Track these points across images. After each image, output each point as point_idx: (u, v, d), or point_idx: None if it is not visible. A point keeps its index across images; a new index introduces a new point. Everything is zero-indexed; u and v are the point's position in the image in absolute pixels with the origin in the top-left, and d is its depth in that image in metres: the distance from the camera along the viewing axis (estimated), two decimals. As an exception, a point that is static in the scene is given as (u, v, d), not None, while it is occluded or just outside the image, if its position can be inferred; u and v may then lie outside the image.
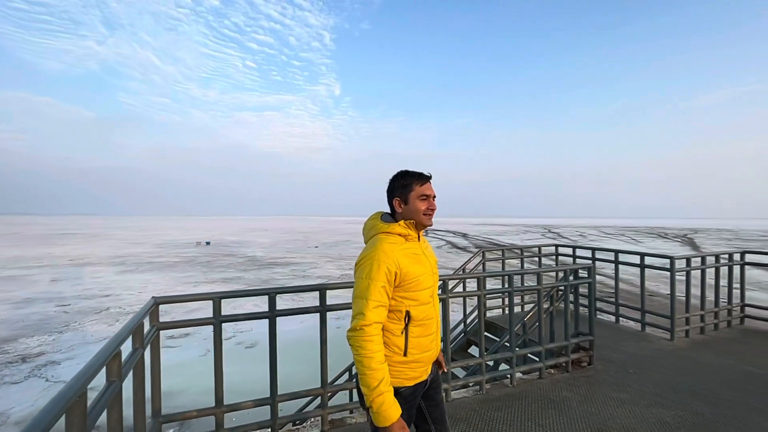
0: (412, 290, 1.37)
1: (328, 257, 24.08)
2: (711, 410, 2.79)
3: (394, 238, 1.40)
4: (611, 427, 2.57)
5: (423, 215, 1.42)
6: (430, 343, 1.43)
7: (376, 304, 1.29)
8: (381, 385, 1.23)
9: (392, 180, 1.47)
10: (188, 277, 16.24)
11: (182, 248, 29.91)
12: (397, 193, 1.45)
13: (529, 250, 6.23)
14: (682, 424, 2.60)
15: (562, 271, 3.58)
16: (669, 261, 4.29)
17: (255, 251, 27.93)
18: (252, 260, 22.41)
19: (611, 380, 3.31)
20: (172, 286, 13.89)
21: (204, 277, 16.30)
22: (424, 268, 1.42)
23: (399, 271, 1.34)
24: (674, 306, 4.32)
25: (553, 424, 2.60)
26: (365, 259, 1.35)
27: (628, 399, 2.96)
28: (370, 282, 1.30)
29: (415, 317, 1.38)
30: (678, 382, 3.25)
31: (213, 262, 21.53)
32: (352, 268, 15.15)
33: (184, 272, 17.62)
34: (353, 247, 31.12)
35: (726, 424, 2.59)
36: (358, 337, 1.26)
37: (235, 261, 21.99)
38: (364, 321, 1.26)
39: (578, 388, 3.17)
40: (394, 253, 1.34)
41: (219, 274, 17.19)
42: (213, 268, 19.14)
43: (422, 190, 1.43)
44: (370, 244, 1.41)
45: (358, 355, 1.26)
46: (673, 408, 2.82)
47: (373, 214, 1.51)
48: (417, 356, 1.39)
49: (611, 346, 4.13)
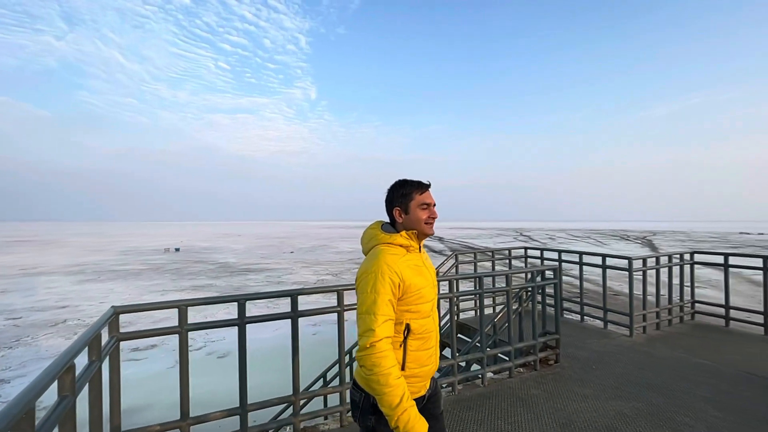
0: (413, 303, 1.32)
1: (304, 263, 23.71)
2: (665, 401, 2.98)
3: (396, 249, 1.35)
4: (575, 421, 2.69)
5: (425, 224, 1.39)
6: (428, 357, 1.38)
7: (384, 318, 1.23)
8: (404, 401, 1.16)
9: (391, 189, 1.43)
10: (155, 285, 15.50)
11: (149, 255, 28.53)
12: (397, 202, 1.40)
13: (500, 252, 6.42)
14: (639, 415, 2.76)
15: (530, 273, 3.72)
16: (627, 262, 4.55)
17: (227, 257, 27.07)
18: (224, 267, 21.71)
19: (576, 376, 3.46)
20: (137, 296, 13.20)
21: (173, 285, 15.62)
22: (426, 281, 1.38)
23: (402, 283, 1.29)
24: (632, 304, 4.59)
25: (521, 422, 2.69)
26: (368, 271, 1.29)
27: (591, 394, 3.11)
28: (377, 296, 1.24)
29: (414, 330, 1.33)
30: (636, 376, 3.45)
31: (182, 269, 20.67)
32: (329, 273, 15.11)
33: (150, 280, 16.80)
34: (330, 252, 30.82)
35: (677, 413, 2.78)
36: (370, 356, 1.18)
37: (206, 268, 21.22)
38: (374, 337, 1.19)
39: (545, 385, 3.29)
40: (397, 265, 1.30)
41: (189, 281, 16.52)
42: (182, 275, 18.38)
43: (422, 199, 1.39)
44: (371, 256, 1.35)
45: (373, 374, 1.17)
46: (632, 400, 2.99)
47: (373, 224, 1.46)
48: (415, 371, 1.34)
49: (576, 344, 4.32)
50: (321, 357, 4.59)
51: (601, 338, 4.56)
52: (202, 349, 8.41)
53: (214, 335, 9.21)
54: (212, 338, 9.06)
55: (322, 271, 19.57)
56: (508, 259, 6.41)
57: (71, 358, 1.29)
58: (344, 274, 18.62)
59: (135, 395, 5.85)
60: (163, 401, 5.63)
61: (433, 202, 1.43)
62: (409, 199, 1.39)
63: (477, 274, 3.38)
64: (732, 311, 4.97)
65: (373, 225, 1.45)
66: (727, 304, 4.97)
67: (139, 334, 2.09)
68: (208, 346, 8.58)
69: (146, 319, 9.81)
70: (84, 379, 1.48)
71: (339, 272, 19.32)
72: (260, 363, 6.46)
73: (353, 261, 24.47)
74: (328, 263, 23.37)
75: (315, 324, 9.95)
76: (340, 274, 18.60)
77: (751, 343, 4.38)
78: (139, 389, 6.09)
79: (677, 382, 3.32)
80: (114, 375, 1.94)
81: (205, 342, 8.84)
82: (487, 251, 6.41)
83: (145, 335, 2.09)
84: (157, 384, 6.34)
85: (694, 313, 5.34)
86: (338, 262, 23.83)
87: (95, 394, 1.63)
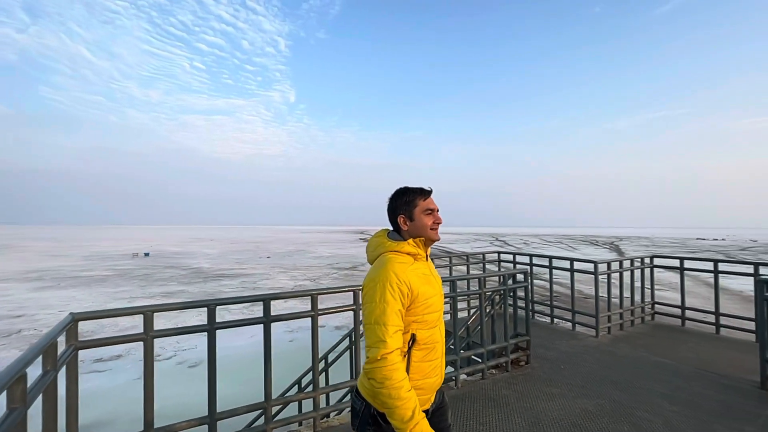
0: (421, 313, 1.28)
1: (282, 268, 23.27)
2: (626, 397, 3.13)
3: (404, 257, 1.32)
4: (543, 419, 2.78)
5: (430, 230, 1.37)
6: (432, 369, 1.34)
7: (395, 329, 1.19)
8: (416, 414, 1.13)
9: (393, 198, 1.40)
10: (122, 292, 14.76)
11: (116, 260, 27.16)
12: (401, 210, 1.38)
13: (474, 257, 6.57)
14: (602, 412, 2.89)
15: (502, 276, 3.83)
16: (593, 265, 4.77)
17: (200, 262, 26.16)
18: (197, 272, 20.97)
19: (545, 376, 3.58)
20: (102, 303, 12.52)
21: (141, 291, 14.93)
22: (434, 290, 1.35)
23: (410, 292, 1.25)
24: (598, 306, 4.81)
25: (493, 422, 2.76)
26: (375, 280, 1.25)
27: (559, 393, 3.23)
28: (386, 306, 1.20)
29: (419, 340, 1.29)
30: (600, 375, 3.61)
31: (152, 275, 19.81)
32: (307, 278, 14.86)
33: (116, 287, 15.99)
34: (308, 257, 30.40)
35: (637, 408, 2.93)
36: (382, 369, 1.14)
37: (178, 273, 20.42)
38: (386, 349, 1.15)
39: (516, 385, 3.39)
40: (405, 274, 1.26)
41: (159, 288, 15.84)
42: (152, 281, 17.60)
43: (426, 205, 1.38)
44: (378, 264, 1.31)
45: (384, 388, 1.13)
46: (596, 398, 3.13)
47: (379, 232, 1.44)
48: (418, 383, 1.29)
49: (546, 345, 4.47)
50: (297, 364, 4.51)
51: (569, 339, 4.74)
52: (172, 358, 8.07)
53: (185, 343, 8.87)
54: (183, 347, 8.72)
55: (300, 277, 19.26)
56: (482, 263, 6.56)
57: (23, 367, 1.23)
58: (323, 279, 18.41)
59: (98, 408, 5.54)
60: (128, 414, 5.35)
61: (437, 208, 1.41)
62: (413, 205, 1.37)
63: (451, 277, 3.45)
64: (687, 312, 5.29)
65: (378, 233, 1.43)
66: (683, 305, 5.29)
67: (100, 342, 1.99)
68: (179, 355, 8.24)
69: (112, 328, 9.32)
70: (37, 390, 1.40)
71: (317, 277, 19.08)
72: (235, 371, 6.27)
73: (332, 266, 24.26)
74: (306, 268, 23.04)
75: (292, 330, 9.76)
76: (318, 280, 18.37)
77: (704, 342, 4.68)
78: (103, 402, 5.77)
79: (638, 379, 3.50)
80: (71, 385, 1.85)
81: (176, 351, 8.49)
82: (462, 255, 6.55)
83: (106, 343, 2.00)
84: (122, 396, 6.03)
85: (654, 314, 5.65)
86: (316, 267, 23.54)
87: (50, 405, 1.55)
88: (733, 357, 4.14)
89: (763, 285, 3.39)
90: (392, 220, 1.42)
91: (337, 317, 10.03)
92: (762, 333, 3.38)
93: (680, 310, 5.32)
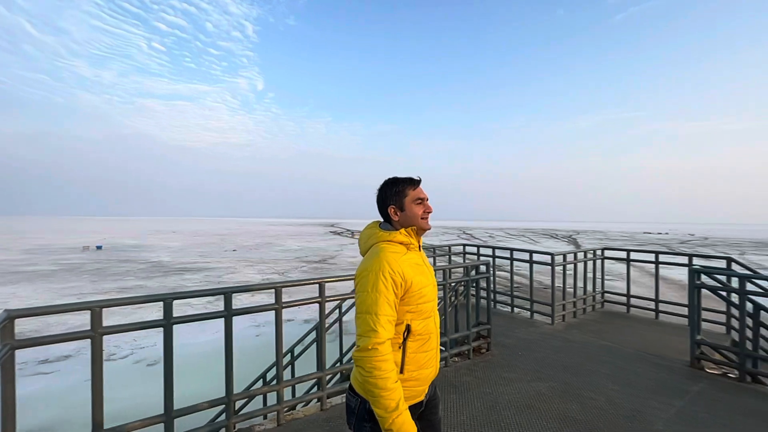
0: (414, 303, 1.28)
1: (248, 261, 22.61)
2: (576, 379, 3.38)
3: (396, 247, 1.32)
4: (500, 402, 2.95)
5: (421, 219, 1.38)
6: (428, 360, 1.34)
7: (386, 319, 1.19)
8: (400, 405, 1.15)
9: (383, 188, 1.40)
10: (70, 288, 13.73)
11: (64, 254, 25.15)
12: (391, 200, 1.38)
13: (441, 249, 6.75)
14: (554, 393, 3.11)
15: (465, 268, 3.97)
16: (550, 257, 5.05)
17: (161, 256, 24.84)
18: (157, 266, 19.90)
19: (504, 362, 3.78)
20: (47, 300, 11.59)
21: (92, 287, 13.96)
22: (427, 280, 1.35)
23: (404, 282, 1.25)
24: (554, 295, 5.11)
25: (454, 406, 2.88)
26: (368, 270, 1.24)
27: (515, 377, 3.42)
28: (378, 295, 1.19)
29: (414, 331, 1.29)
30: (553, 359, 3.86)
31: (106, 269, 18.56)
32: (275, 272, 14.51)
33: (64, 282, 14.85)
34: (276, 250, 29.74)
35: (584, 389, 3.18)
36: (371, 358, 1.14)
37: (135, 267, 19.28)
38: (377, 338, 1.15)
39: (477, 372, 3.55)
40: (398, 264, 1.26)
41: (113, 283, 14.88)
42: (106, 276, 16.50)
43: (416, 194, 1.38)
44: (371, 254, 1.30)
45: (372, 377, 1.14)
46: (549, 381, 3.35)
47: (370, 224, 1.43)
48: (414, 373, 1.30)
49: (506, 333, 4.71)
50: (264, 358, 4.44)
51: (527, 327, 5.01)
52: (128, 357, 7.65)
53: (143, 341, 8.42)
54: (141, 344, 8.28)
55: (267, 270, 18.82)
56: (448, 255, 6.74)
57: (-54, 369, 1.12)
58: (291, 273, 18.11)
59: (41, 413, 5.16)
60: (76, 418, 5.02)
61: (427, 197, 1.41)
62: (403, 195, 1.37)
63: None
64: (632, 299, 5.75)
65: (370, 225, 1.43)
66: (628, 293, 5.74)
67: (41, 340, 1.85)
68: (136, 354, 7.82)
69: (59, 327, 8.68)
70: (-35, 394, 1.29)
71: (286, 271, 18.74)
72: (202, 368, 6.03)
73: (301, 260, 23.90)
74: (274, 262, 22.55)
75: (259, 325, 9.54)
76: (287, 273, 18.04)
77: (645, 326, 5.13)
78: (47, 406, 5.38)
79: (586, 362, 3.79)
80: (7, 388, 1.71)
81: (133, 349, 8.05)
82: (429, 248, 6.69)
83: (47, 342, 1.86)
84: (70, 399, 5.65)
85: (604, 302, 6.10)
86: (285, 261, 23.10)
87: (-19, 410, 1.43)
88: (668, 339, 4.57)
89: (695, 274, 3.75)
90: (382, 210, 1.41)
91: (307, 310, 9.94)
92: (692, 317, 3.76)
93: (626, 298, 5.78)
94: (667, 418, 2.73)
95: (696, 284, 3.73)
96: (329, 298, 2.99)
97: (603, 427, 2.61)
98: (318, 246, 35.07)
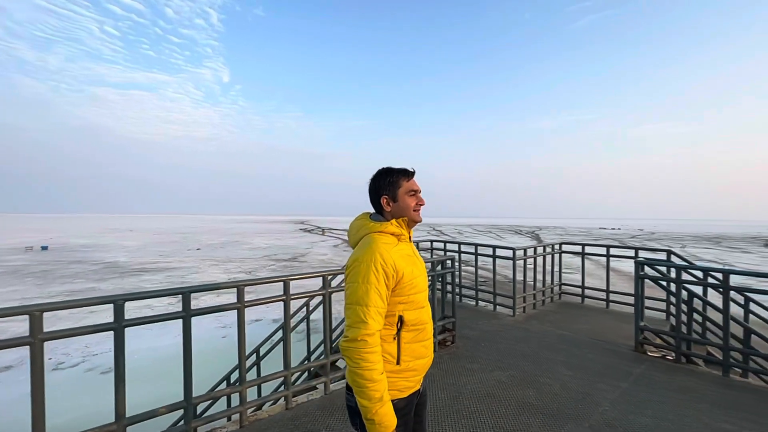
0: (406, 294, 1.29)
1: (213, 260, 21.76)
2: (534, 367, 3.57)
3: (388, 238, 1.32)
4: (463, 392, 3.06)
5: (413, 211, 1.38)
6: (424, 350, 1.35)
7: (376, 310, 1.19)
8: (384, 396, 1.16)
9: (376, 178, 1.39)
10: (12, 292, 12.61)
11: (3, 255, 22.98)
12: (385, 191, 1.36)
13: (410, 245, 6.85)
14: (513, 381, 3.26)
15: (431, 263, 4.06)
16: (512, 252, 5.28)
17: (116, 256, 23.33)
18: (111, 267, 18.68)
19: (467, 354, 3.91)
20: (-17, 306, 10.56)
21: (37, 291, 12.90)
22: (418, 270, 1.36)
23: (395, 273, 1.25)
24: (515, 288, 5.35)
25: (418, 399, 2.95)
26: (359, 260, 1.24)
27: (478, 368, 3.56)
28: (369, 286, 1.19)
29: (408, 322, 1.29)
30: (514, 349, 4.05)
31: (53, 271, 17.19)
32: (242, 271, 14.09)
33: (6, 287, 13.61)
34: (243, 249, 28.82)
35: (541, 376, 3.37)
36: (359, 349, 1.15)
37: (87, 269, 18.00)
38: (366, 330, 1.15)
39: (442, 364, 3.65)
40: (390, 255, 1.25)
41: (62, 286, 13.82)
42: (52, 279, 15.28)
43: (410, 186, 1.37)
44: (362, 245, 1.30)
45: (359, 368, 1.15)
46: (509, 369, 3.51)
47: (360, 215, 1.42)
48: (410, 364, 1.30)
49: (470, 326, 4.87)
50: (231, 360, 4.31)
51: (490, 319, 5.21)
52: (80, 365, 7.16)
53: (96, 347, 7.91)
54: (94, 351, 7.78)
55: (234, 269, 18.21)
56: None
57: None
58: (260, 272, 17.64)
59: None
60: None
61: (420, 189, 1.41)
62: (397, 186, 1.36)
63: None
64: (586, 290, 6.14)
65: (360, 216, 1.42)
66: (582, 285, 6.12)
67: (-29, 349, 1.70)
68: (89, 361, 7.34)
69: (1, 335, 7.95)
70: None
71: (253, 269, 18.22)
72: (162, 373, 5.72)
73: (269, 258, 23.34)
74: (241, 260, 21.86)
75: (225, 326, 9.22)
76: (254, 272, 17.55)
77: (597, 315, 5.50)
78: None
79: (543, 351, 4.00)
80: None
81: (84, 357, 7.54)
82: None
83: (-21, 350, 1.71)
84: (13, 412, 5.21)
85: (561, 294, 6.47)
86: (252, 259, 22.46)
87: None
88: (617, 326, 4.93)
89: (639, 266, 4.07)
90: (374, 200, 1.40)
91: (276, 309, 9.71)
92: (637, 305, 4.08)
93: (581, 289, 6.16)
94: (612, 399, 2.95)
95: (640, 275, 4.05)
96: (294, 296, 2.95)
97: (556, 409, 2.78)
98: (287, 244, 34.39)
